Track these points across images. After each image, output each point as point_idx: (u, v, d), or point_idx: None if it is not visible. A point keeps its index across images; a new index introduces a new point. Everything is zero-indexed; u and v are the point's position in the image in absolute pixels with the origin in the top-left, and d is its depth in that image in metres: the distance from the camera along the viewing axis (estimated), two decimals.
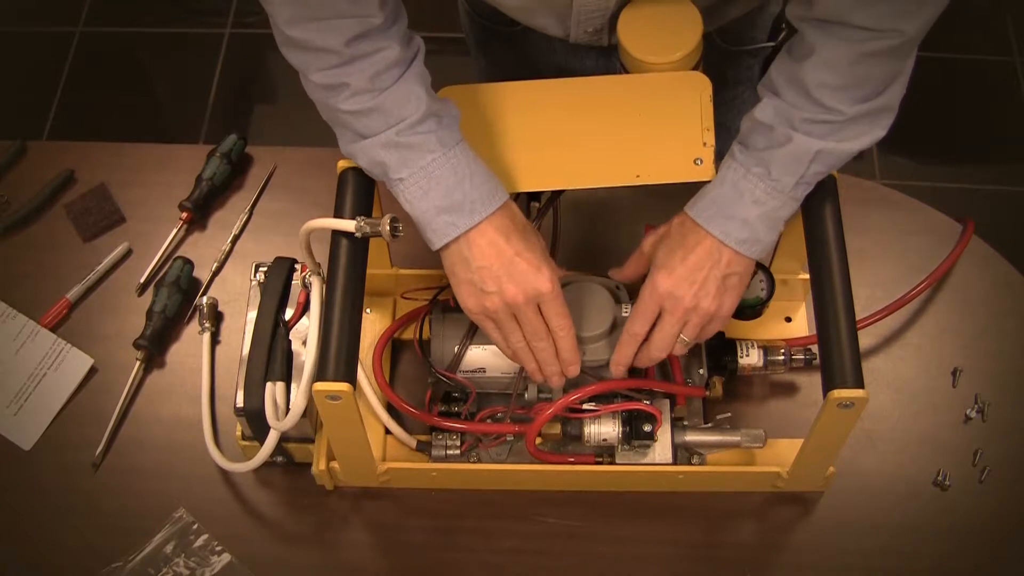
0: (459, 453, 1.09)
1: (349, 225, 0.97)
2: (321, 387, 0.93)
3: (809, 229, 1.01)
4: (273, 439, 1.05)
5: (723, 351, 1.12)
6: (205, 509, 1.12)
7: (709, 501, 1.11)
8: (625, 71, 1.05)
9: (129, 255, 1.28)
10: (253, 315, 1.08)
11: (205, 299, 1.20)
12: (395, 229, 0.97)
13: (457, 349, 1.08)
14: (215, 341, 1.20)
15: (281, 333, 1.07)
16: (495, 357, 1.08)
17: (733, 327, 1.14)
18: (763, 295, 1.12)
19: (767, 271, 1.13)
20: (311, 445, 1.09)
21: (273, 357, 1.06)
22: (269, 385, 1.04)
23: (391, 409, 1.12)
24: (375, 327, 1.19)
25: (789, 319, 1.20)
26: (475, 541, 1.11)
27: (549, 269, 0.95)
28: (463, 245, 0.94)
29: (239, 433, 1.10)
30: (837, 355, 0.94)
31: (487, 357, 1.09)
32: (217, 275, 1.26)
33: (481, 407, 1.09)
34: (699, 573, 1.10)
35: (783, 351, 1.13)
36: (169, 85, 2.55)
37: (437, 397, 1.11)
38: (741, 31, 1.24)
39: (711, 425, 1.10)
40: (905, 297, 1.19)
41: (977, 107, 2.44)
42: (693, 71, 1.03)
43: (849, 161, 0.97)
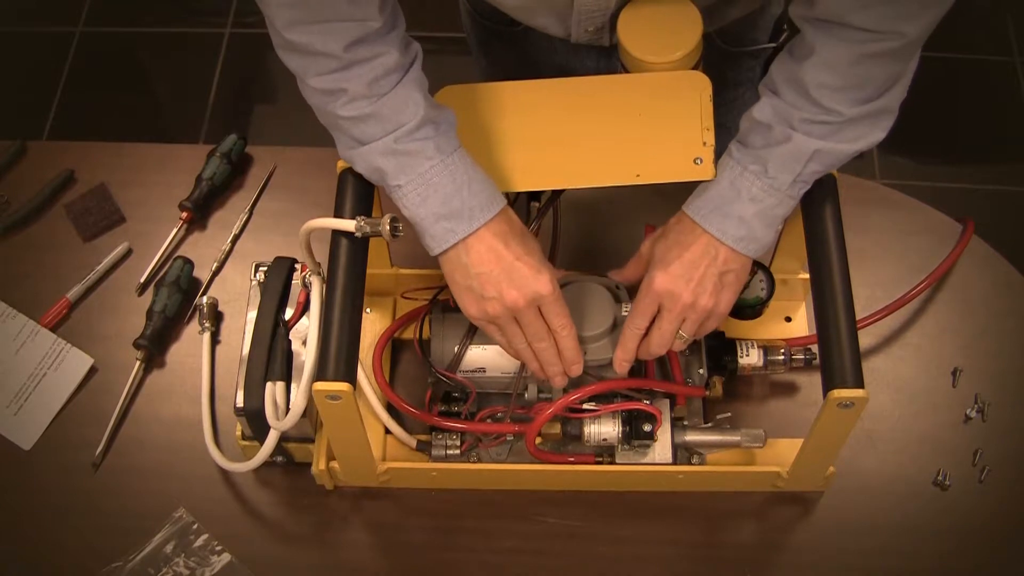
0: (459, 453, 1.09)
1: (349, 225, 0.97)
2: (321, 387, 0.93)
3: (809, 229, 1.01)
4: (273, 439, 1.05)
5: (723, 351, 1.12)
6: (205, 509, 1.12)
7: (709, 501, 1.11)
8: (625, 71, 1.05)
9: (129, 255, 1.28)
10: (253, 315, 1.08)
11: (205, 299, 1.20)
12: (395, 229, 0.97)
13: (457, 349, 1.08)
14: (215, 341, 1.20)
15: (281, 333, 1.07)
16: (495, 357, 1.08)
17: (733, 327, 1.14)
18: (763, 295, 1.12)
19: (767, 271, 1.13)
20: (311, 445, 1.09)
21: (273, 357, 1.06)
22: (269, 385, 1.04)
23: (391, 409, 1.12)
24: (375, 327, 1.19)
25: (789, 319, 1.20)
26: (475, 541, 1.11)
27: (548, 272, 0.96)
28: (461, 251, 0.94)
29: (239, 433, 1.10)
30: (837, 355, 0.94)
31: (487, 357, 1.09)
32: (217, 275, 1.26)
33: (481, 407, 1.09)
34: (699, 573, 1.10)
35: (783, 351, 1.13)
36: (169, 85, 2.55)
37: (437, 397, 1.11)
38: (742, 32, 1.23)
39: (711, 425, 1.10)
40: (905, 297, 1.19)
41: (977, 107, 2.44)
42: (693, 71, 1.03)
43: (849, 161, 0.97)
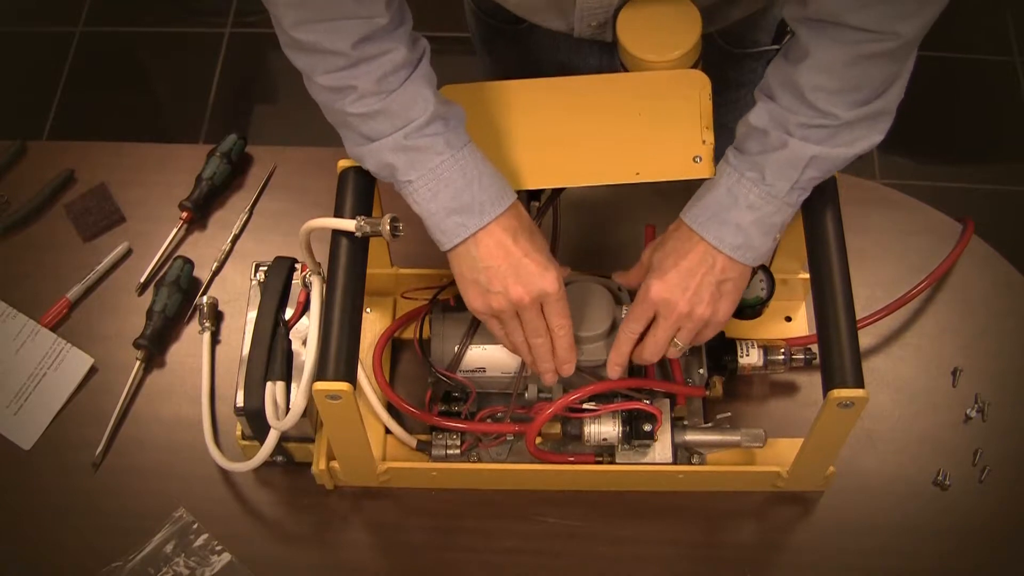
0: (459, 453, 1.09)
1: (349, 225, 0.97)
2: (321, 387, 0.93)
3: (809, 229, 1.01)
4: (273, 439, 1.05)
5: (723, 351, 1.12)
6: (205, 509, 1.12)
7: (709, 501, 1.11)
8: (625, 69, 1.05)
9: (129, 255, 1.28)
10: (253, 315, 1.08)
11: (205, 299, 1.20)
12: (395, 229, 0.97)
13: (457, 349, 1.08)
14: (215, 341, 1.20)
15: (281, 333, 1.07)
16: (495, 357, 1.08)
17: (733, 327, 1.14)
18: (763, 295, 1.12)
19: (767, 271, 1.13)
20: (311, 445, 1.09)
21: (273, 357, 1.06)
22: (269, 385, 1.04)
23: (391, 409, 1.12)
24: (375, 327, 1.19)
25: (789, 319, 1.20)
26: (475, 541, 1.11)
27: (555, 270, 0.96)
28: (471, 245, 0.94)
29: (239, 433, 1.10)
30: (837, 355, 0.94)
31: (487, 357, 1.08)
32: (217, 275, 1.26)
33: (481, 407, 1.09)
34: (699, 573, 1.10)
35: (783, 351, 1.13)
36: (169, 85, 2.55)
37: (437, 397, 1.11)
38: (744, 33, 1.23)
39: (711, 425, 1.10)
40: (905, 297, 1.19)
41: (977, 107, 2.44)
42: (692, 69, 1.03)
43: None
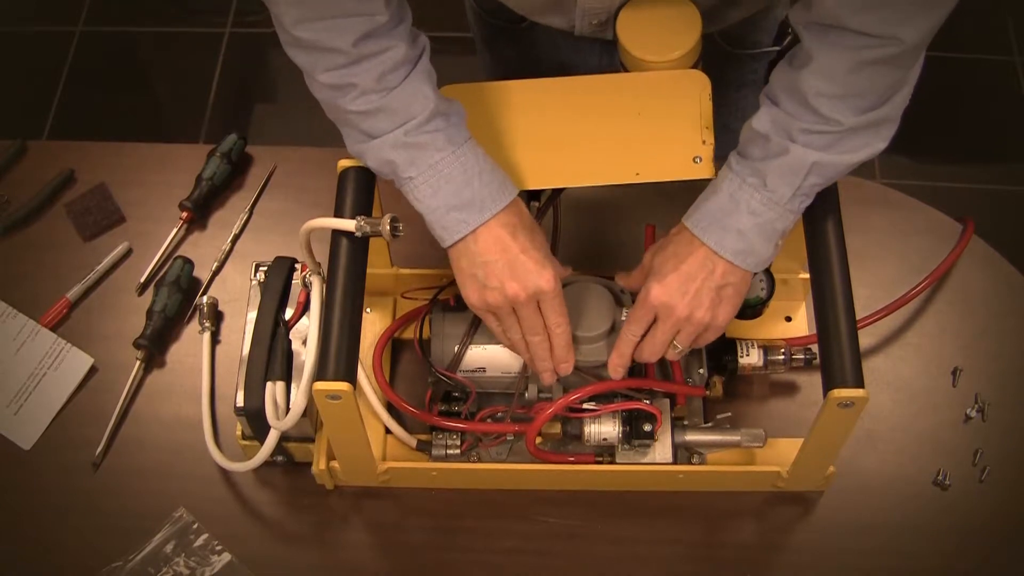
0: (459, 453, 1.09)
1: (349, 225, 0.97)
2: (321, 386, 0.93)
3: (809, 229, 1.01)
4: (273, 439, 1.05)
5: (723, 351, 1.12)
6: (205, 509, 1.12)
7: (709, 501, 1.11)
8: (625, 70, 1.05)
9: (129, 255, 1.28)
10: (253, 315, 1.08)
11: (205, 299, 1.20)
12: (395, 229, 0.97)
13: (457, 349, 1.08)
14: (215, 341, 1.20)
15: (281, 333, 1.07)
16: (495, 357, 1.08)
17: (733, 327, 1.14)
18: (763, 295, 1.12)
19: (767, 271, 1.13)
20: (311, 444, 1.09)
21: (273, 357, 1.06)
22: (269, 385, 1.04)
23: (391, 408, 1.12)
24: (375, 327, 1.19)
25: (789, 318, 1.20)
26: (475, 541, 1.11)
27: (552, 268, 0.96)
28: (470, 240, 0.95)
29: (239, 433, 1.09)
30: (837, 355, 0.94)
31: (487, 356, 1.08)
32: (217, 275, 1.26)
33: (481, 406, 1.09)
34: (699, 573, 1.10)
35: (783, 351, 1.13)
36: (169, 85, 2.55)
37: (437, 397, 1.11)
38: (744, 34, 1.23)
39: (711, 425, 1.10)
40: (905, 297, 1.19)
41: (977, 107, 2.44)
42: (692, 70, 1.03)
43: None
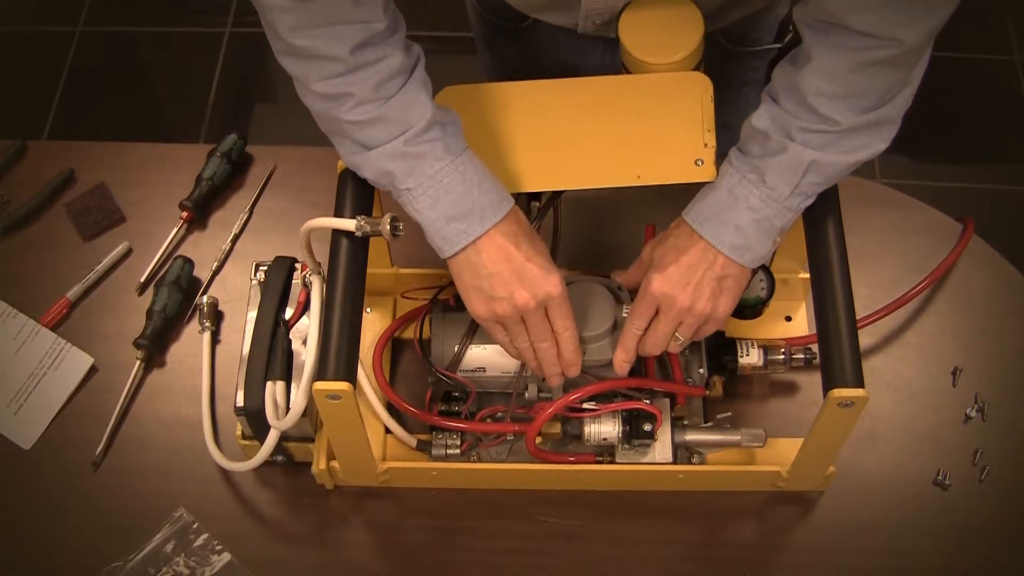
0: (459, 452, 1.09)
1: (349, 224, 0.97)
2: (321, 386, 0.93)
3: (809, 228, 1.01)
4: (273, 438, 1.05)
5: (723, 350, 1.12)
6: (205, 508, 1.12)
7: (709, 500, 1.11)
8: (627, 71, 1.05)
9: (129, 254, 1.28)
10: (253, 314, 1.08)
11: (205, 298, 1.20)
12: (395, 228, 0.97)
13: (457, 348, 1.08)
14: (215, 340, 1.20)
15: (281, 332, 1.07)
16: (495, 356, 1.08)
17: (733, 326, 1.14)
18: (763, 294, 1.12)
19: (767, 270, 1.13)
20: (311, 444, 1.09)
21: (273, 356, 1.06)
22: (269, 384, 1.04)
23: (391, 408, 1.12)
24: (375, 326, 1.19)
25: (789, 318, 1.20)
26: (475, 541, 1.11)
27: (557, 273, 0.96)
28: (471, 252, 0.94)
29: (239, 432, 1.09)
30: (837, 354, 0.94)
31: (487, 356, 1.08)
32: (217, 274, 1.26)
33: (481, 406, 1.09)
34: (699, 573, 1.10)
35: (783, 350, 1.13)
36: (169, 84, 2.55)
37: (437, 396, 1.11)
38: (746, 32, 1.23)
39: (711, 424, 1.10)
40: (905, 296, 1.19)
41: (977, 107, 2.44)
42: (694, 71, 1.03)
43: None
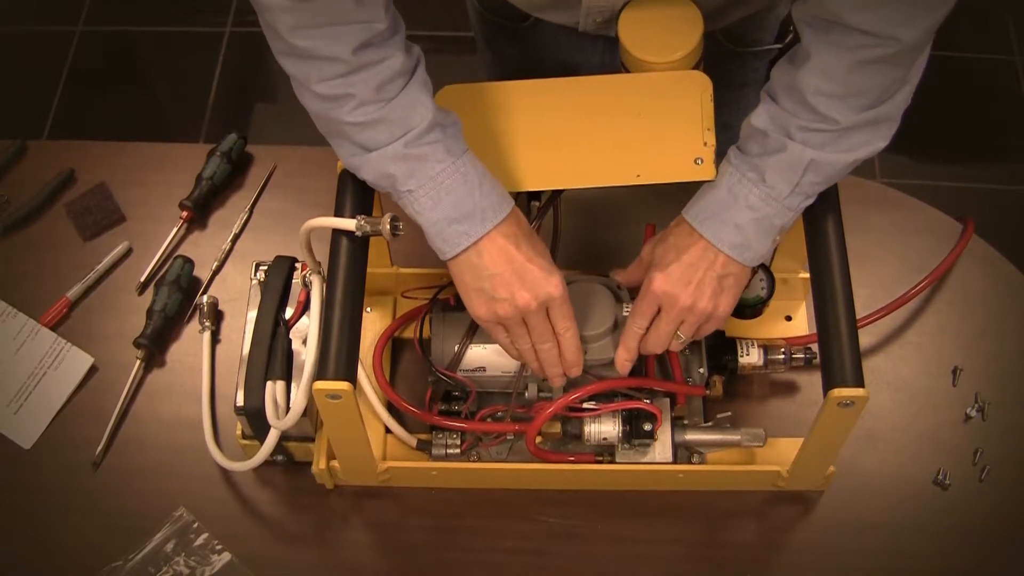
0: (459, 452, 1.09)
1: (349, 224, 0.97)
2: (321, 386, 0.93)
3: (809, 228, 1.01)
4: (273, 438, 1.05)
5: (723, 350, 1.12)
6: (205, 508, 1.12)
7: (709, 500, 1.11)
8: (626, 70, 1.05)
9: (129, 254, 1.28)
10: (253, 314, 1.08)
11: (205, 298, 1.20)
12: (395, 228, 0.97)
13: (457, 348, 1.08)
14: (215, 340, 1.20)
15: (281, 332, 1.07)
16: (495, 356, 1.08)
17: (733, 326, 1.14)
18: (763, 294, 1.12)
19: (767, 270, 1.13)
20: (311, 444, 1.09)
21: (273, 356, 1.06)
22: (269, 384, 1.04)
23: (391, 408, 1.12)
24: (375, 326, 1.19)
25: (789, 318, 1.20)
26: (475, 541, 1.11)
27: (558, 274, 0.96)
28: (472, 254, 0.94)
29: (239, 432, 1.09)
30: (837, 354, 0.94)
31: (487, 356, 1.08)
32: (217, 274, 1.26)
33: (481, 406, 1.09)
34: (699, 573, 1.10)
35: (783, 350, 1.13)
36: (169, 84, 2.55)
37: (437, 396, 1.11)
38: (747, 32, 1.23)
39: (711, 424, 1.10)
40: (905, 296, 1.19)
41: (977, 107, 2.44)
42: (694, 70, 1.03)
43: None
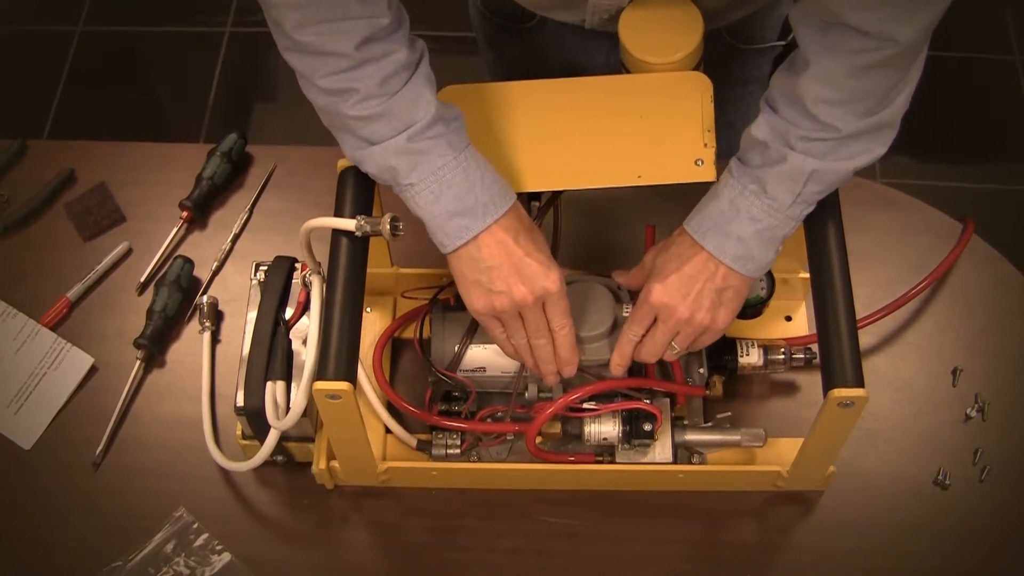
0: (459, 452, 1.09)
1: (349, 224, 0.97)
2: (321, 386, 0.93)
3: (809, 228, 1.01)
4: (273, 438, 1.05)
5: (723, 350, 1.12)
6: (205, 508, 1.12)
7: (709, 500, 1.11)
8: (627, 71, 1.05)
9: (129, 254, 1.28)
10: (253, 314, 1.08)
11: (205, 298, 1.20)
12: (395, 228, 0.97)
13: (457, 348, 1.08)
14: (215, 340, 1.20)
15: (281, 332, 1.07)
16: (495, 356, 1.08)
17: (733, 326, 1.13)
18: (763, 294, 1.12)
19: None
20: (311, 444, 1.09)
21: (273, 356, 1.06)
22: (269, 384, 1.04)
23: (391, 408, 1.12)
24: (375, 326, 1.19)
25: (789, 318, 1.20)
26: (475, 541, 1.11)
27: (557, 269, 0.96)
28: (472, 247, 0.94)
29: (239, 432, 1.09)
30: (837, 354, 0.94)
31: (487, 356, 1.08)
32: (217, 274, 1.26)
33: (481, 406, 1.09)
34: (699, 572, 1.10)
35: (783, 350, 1.13)
36: (169, 84, 2.55)
37: (437, 396, 1.11)
38: (750, 30, 1.23)
39: (711, 424, 1.10)
40: (905, 296, 1.19)
41: (977, 106, 2.44)
42: (694, 71, 1.03)
43: None
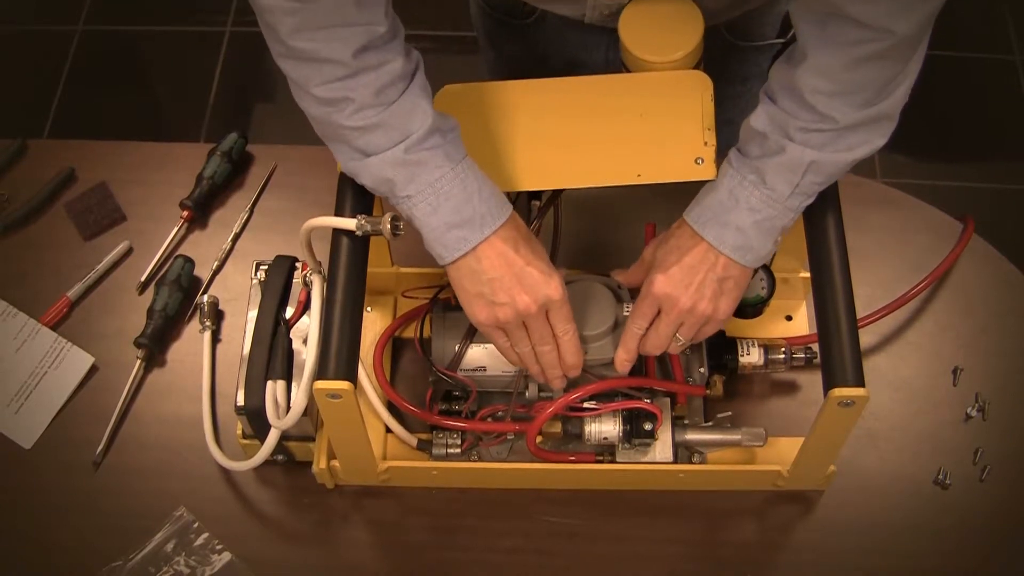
0: (460, 452, 1.09)
1: (350, 223, 0.97)
2: (322, 385, 0.93)
3: (809, 228, 1.01)
4: (274, 438, 1.05)
5: (724, 349, 1.12)
6: (206, 508, 1.12)
7: (710, 500, 1.11)
8: (627, 70, 1.05)
9: (130, 254, 1.28)
10: (254, 314, 1.08)
11: (206, 298, 1.20)
12: (396, 227, 0.97)
13: (458, 348, 1.08)
14: (216, 339, 1.20)
15: (282, 331, 1.07)
16: (496, 356, 1.08)
17: (734, 325, 1.14)
18: (764, 293, 1.12)
19: (767, 269, 1.13)
20: (312, 443, 1.09)
21: (274, 355, 1.06)
22: (270, 383, 1.04)
23: (392, 407, 1.12)
24: (376, 325, 1.19)
25: (790, 317, 1.20)
26: (475, 540, 1.11)
27: (557, 276, 0.96)
28: (471, 259, 0.94)
29: (240, 432, 1.09)
30: (838, 353, 0.94)
31: (488, 356, 1.08)
32: (218, 273, 1.26)
33: (482, 406, 1.09)
34: (699, 572, 1.10)
35: (784, 349, 1.13)
36: (170, 83, 2.55)
37: (438, 396, 1.11)
38: (750, 27, 1.23)
39: (712, 424, 1.10)
40: (905, 296, 1.19)
41: (977, 105, 2.44)
42: (694, 70, 1.03)
43: None
